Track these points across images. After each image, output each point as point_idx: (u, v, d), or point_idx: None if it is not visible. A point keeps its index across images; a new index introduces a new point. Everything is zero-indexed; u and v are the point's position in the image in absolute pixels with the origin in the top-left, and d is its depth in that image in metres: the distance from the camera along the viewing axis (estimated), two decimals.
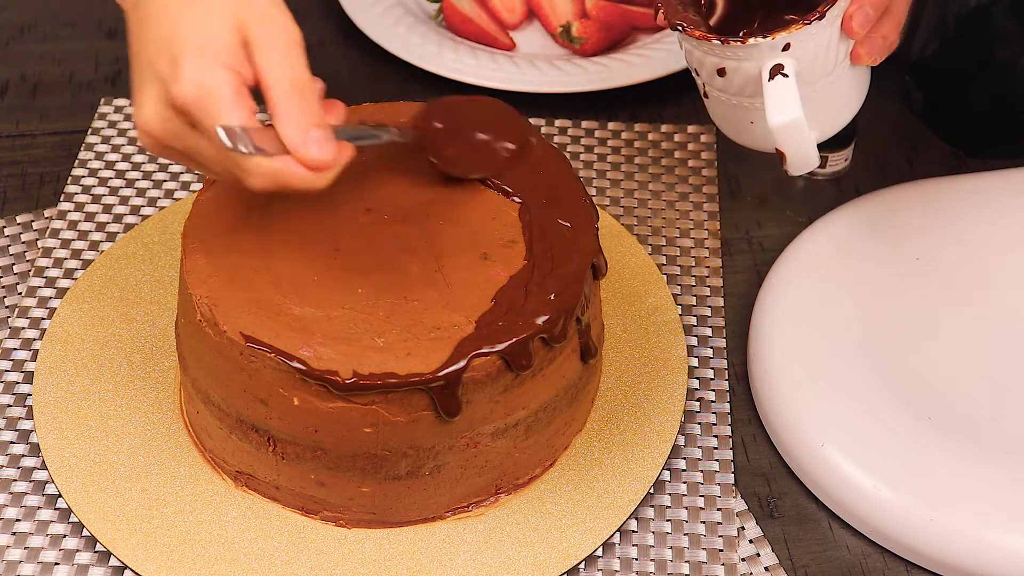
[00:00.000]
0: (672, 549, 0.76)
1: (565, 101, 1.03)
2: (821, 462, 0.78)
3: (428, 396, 0.71)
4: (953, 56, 0.98)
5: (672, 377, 0.82)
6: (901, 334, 0.83)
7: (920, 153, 1.00)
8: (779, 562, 0.76)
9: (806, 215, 0.94)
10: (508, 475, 0.77)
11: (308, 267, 0.74)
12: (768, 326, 0.83)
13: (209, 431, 0.77)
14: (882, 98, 1.03)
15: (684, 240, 0.92)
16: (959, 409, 0.79)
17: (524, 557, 0.74)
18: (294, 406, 0.71)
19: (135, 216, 0.94)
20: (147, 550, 0.74)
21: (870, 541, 0.77)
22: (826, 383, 0.80)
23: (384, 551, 0.75)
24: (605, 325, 0.84)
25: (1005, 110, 0.97)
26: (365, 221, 0.77)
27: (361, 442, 0.72)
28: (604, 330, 0.84)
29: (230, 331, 0.71)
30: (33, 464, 0.79)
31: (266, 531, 0.75)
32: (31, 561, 0.75)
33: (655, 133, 1.00)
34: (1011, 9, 0.93)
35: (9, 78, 1.05)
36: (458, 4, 1.06)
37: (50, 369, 0.82)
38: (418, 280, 0.74)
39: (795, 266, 0.87)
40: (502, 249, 0.76)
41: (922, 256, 0.87)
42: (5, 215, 0.94)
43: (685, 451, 0.80)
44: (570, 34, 1.05)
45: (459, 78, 1.02)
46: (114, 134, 1.00)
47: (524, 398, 0.74)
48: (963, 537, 0.74)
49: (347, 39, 1.08)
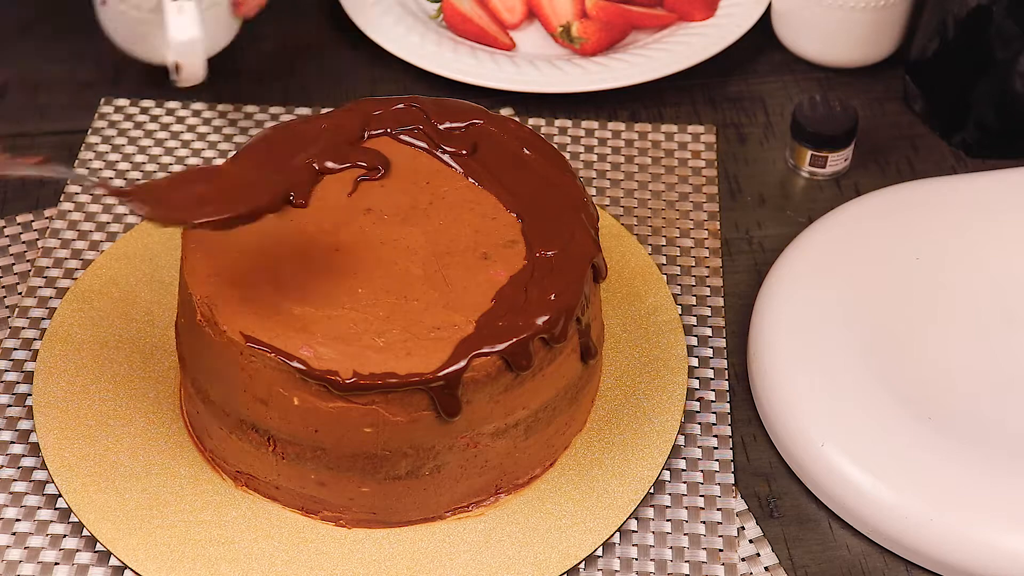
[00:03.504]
0: (672, 549, 0.76)
1: (565, 101, 1.03)
2: (821, 462, 0.78)
3: (428, 396, 0.71)
4: (953, 56, 0.98)
5: (672, 377, 0.82)
6: (901, 334, 0.83)
7: (920, 153, 1.00)
8: (779, 562, 0.76)
9: (806, 215, 0.94)
10: (508, 475, 0.77)
11: (308, 267, 0.74)
12: (768, 326, 0.83)
13: (209, 431, 0.77)
14: (882, 98, 1.04)
15: (684, 240, 0.92)
16: (959, 409, 0.79)
17: (524, 557, 0.74)
18: (294, 406, 0.72)
19: (135, 216, 0.94)
20: (147, 550, 0.74)
21: (870, 541, 0.77)
22: (826, 383, 0.80)
23: (384, 551, 0.75)
24: (605, 325, 0.84)
25: (1005, 110, 0.97)
26: (365, 221, 0.77)
27: (361, 442, 0.72)
28: (604, 330, 0.84)
29: (230, 331, 0.72)
30: (33, 464, 0.79)
31: (266, 531, 0.75)
32: (31, 561, 0.75)
33: (655, 133, 1.00)
34: (1011, 9, 0.94)
35: (9, 78, 1.05)
36: (458, 4, 1.06)
37: (50, 369, 0.82)
38: (418, 280, 0.74)
39: (795, 266, 0.87)
40: (502, 249, 0.76)
41: (922, 256, 0.87)
42: (5, 215, 0.94)
43: (685, 451, 0.80)
44: (570, 34, 1.05)
45: (459, 78, 1.02)
46: (115, 134, 1.00)
47: (524, 398, 0.74)
48: (963, 537, 0.74)
49: (347, 39, 1.08)
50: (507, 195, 0.78)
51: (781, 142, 1.00)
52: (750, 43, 1.06)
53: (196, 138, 1.00)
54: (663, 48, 1.04)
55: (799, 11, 1.03)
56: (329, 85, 1.05)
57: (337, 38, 1.09)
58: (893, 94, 1.04)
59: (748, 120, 1.02)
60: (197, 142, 0.99)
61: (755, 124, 1.02)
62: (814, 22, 1.03)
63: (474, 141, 0.81)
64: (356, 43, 1.07)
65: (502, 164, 0.80)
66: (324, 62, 1.07)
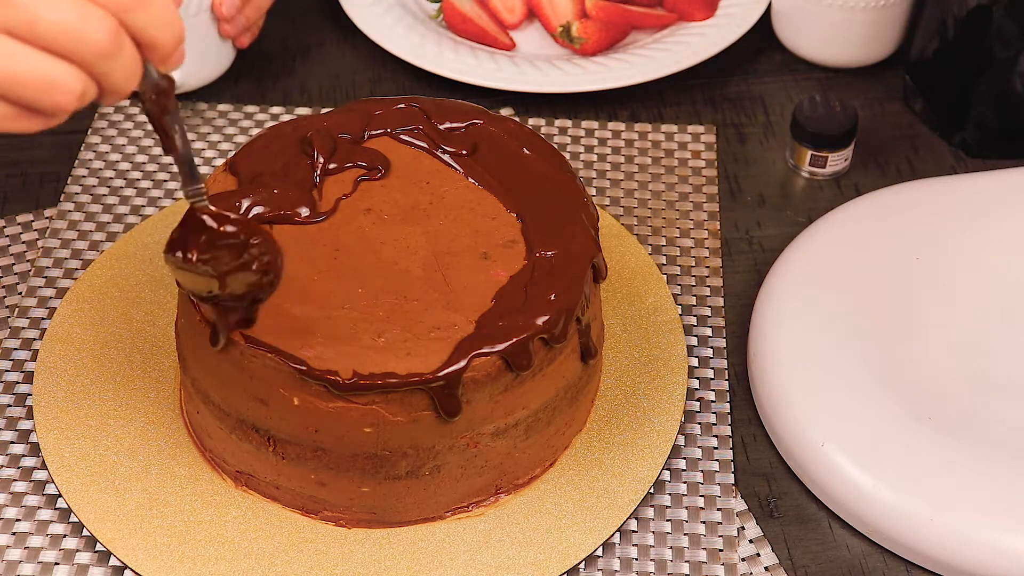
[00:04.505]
0: (672, 549, 0.76)
1: (565, 101, 1.03)
2: (821, 462, 0.78)
3: (428, 396, 0.71)
4: (953, 56, 0.98)
5: (672, 377, 0.82)
6: (901, 334, 0.83)
7: (920, 153, 1.00)
8: (779, 562, 0.76)
9: (806, 215, 0.94)
10: (508, 475, 0.77)
11: (308, 267, 0.74)
12: (768, 326, 0.83)
13: (209, 431, 0.77)
14: (882, 98, 1.04)
15: (684, 240, 0.92)
16: (959, 409, 0.79)
17: (524, 557, 0.74)
18: (294, 406, 0.71)
19: (135, 216, 0.94)
20: (147, 550, 0.74)
21: (870, 541, 0.77)
22: (826, 383, 0.80)
23: (384, 551, 0.75)
24: (605, 325, 0.84)
25: (1005, 110, 0.97)
26: (365, 221, 0.77)
27: (361, 442, 0.72)
28: (604, 330, 0.84)
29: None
30: (33, 464, 0.79)
31: (266, 531, 0.75)
32: (31, 561, 0.75)
33: (655, 133, 1.00)
34: (1011, 9, 0.94)
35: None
36: (458, 4, 1.06)
37: (50, 369, 0.82)
38: (418, 280, 0.74)
39: (795, 266, 0.87)
40: (502, 249, 0.76)
41: (922, 256, 0.87)
42: (5, 215, 0.94)
43: (685, 451, 0.80)
44: (570, 34, 1.05)
45: (459, 78, 1.02)
46: (115, 134, 1.00)
47: (524, 398, 0.74)
48: (963, 537, 0.74)
49: (347, 39, 1.08)
50: (507, 195, 0.78)
51: (781, 142, 1.00)
52: (750, 43, 1.06)
53: (196, 138, 1.00)
54: (663, 48, 1.04)
55: (799, 11, 1.03)
56: (329, 85, 1.05)
57: (337, 38, 1.09)
58: (893, 94, 1.04)
59: (748, 120, 1.02)
60: (198, 142, 0.99)
61: (755, 124, 1.02)
62: (814, 22, 1.03)
63: (474, 141, 0.81)
64: (356, 43, 1.07)
65: (502, 164, 0.80)
66: (324, 62, 1.07)
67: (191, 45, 0.96)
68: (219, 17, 0.98)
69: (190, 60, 0.97)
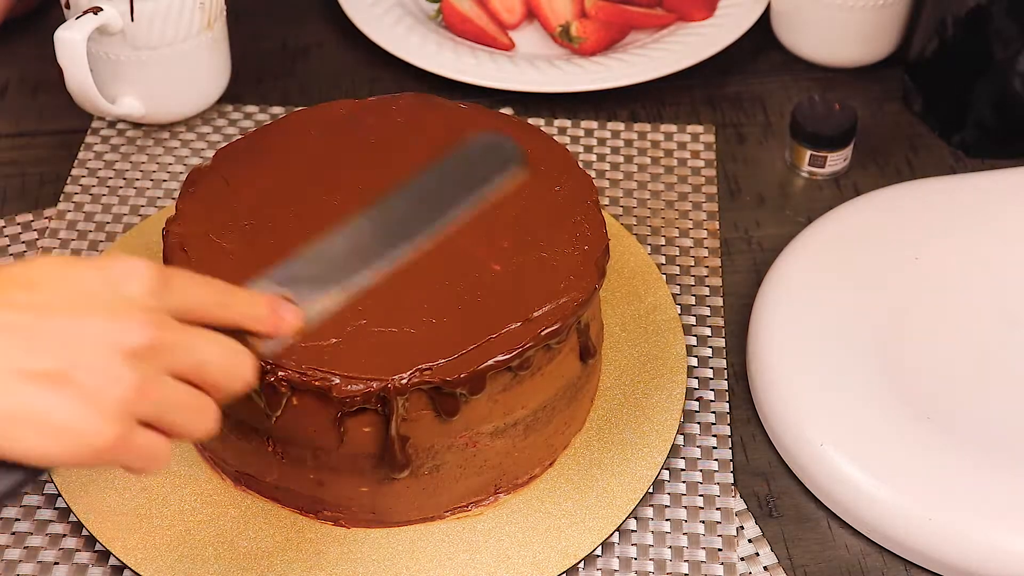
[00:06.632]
0: (671, 548, 0.76)
1: (565, 101, 1.03)
2: (820, 462, 0.78)
3: (427, 396, 0.71)
4: (953, 56, 0.98)
5: (671, 376, 0.82)
6: (901, 334, 0.83)
7: (920, 153, 1.00)
8: (778, 561, 0.76)
9: (806, 215, 0.94)
10: (507, 475, 0.77)
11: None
12: (767, 326, 0.83)
13: None
14: (881, 98, 1.04)
15: (684, 240, 0.92)
16: (959, 409, 0.79)
17: (524, 557, 0.74)
18: (293, 406, 0.71)
19: (135, 216, 0.94)
20: (147, 550, 0.74)
21: (869, 541, 0.77)
22: (826, 383, 0.80)
23: (384, 551, 0.75)
24: (604, 325, 0.84)
25: (1004, 110, 0.97)
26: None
27: (361, 442, 0.72)
28: (603, 330, 0.84)
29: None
30: None
31: (266, 531, 0.75)
32: (30, 560, 0.75)
33: (654, 133, 1.00)
34: (1010, 9, 0.94)
35: (9, 78, 1.05)
36: (457, 4, 1.07)
37: None
38: (417, 280, 0.74)
39: (795, 266, 0.87)
40: (502, 249, 0.76)
41: (922, 256, 0.87)
42: (5, 215, 0.94)
43: (684, 450, 0.80)
44: (569, 34, 1.05)
45: (459, 78, 1.02)
46: (114, 134, 1.00)
47: (523, 398, 0.74)
48: (962, 537, 0.74)
49: (347, 39, 1.08)
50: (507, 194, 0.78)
51: (780, 142, 1.00)
52: (749, 43, 1.06)
53: (196, 138, 1.00)
54: (662, 48, 1.04)
55: (798, 11, 1.03)
56: (329, 85, 1.05)
57: (337, 38, 1.09)
58: (892, 94, 1.04)
59: (747, 120, 1.02)
60: (197, 142, 0.99)
61: (754, 124, 1.02)
62: (813, 22, 1.03)
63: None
64: (356, 43, 1.07)
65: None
66: (324, 62, 1.07)
67: (188, 71, 0.96)
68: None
69: (187, 87, 0.97)
